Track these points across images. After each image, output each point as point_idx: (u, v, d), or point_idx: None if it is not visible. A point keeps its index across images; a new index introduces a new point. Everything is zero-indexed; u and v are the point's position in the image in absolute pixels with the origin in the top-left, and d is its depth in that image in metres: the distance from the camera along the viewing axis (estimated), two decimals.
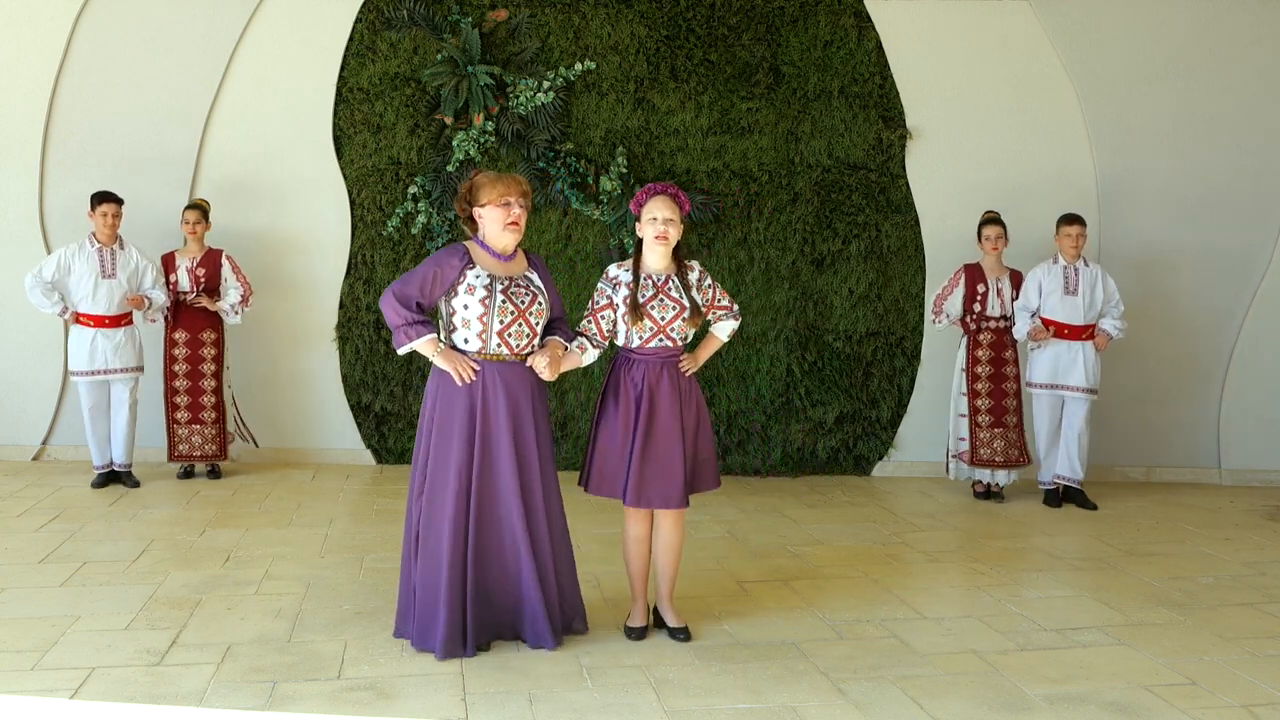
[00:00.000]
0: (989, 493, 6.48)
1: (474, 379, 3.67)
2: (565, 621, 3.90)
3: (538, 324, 3.75)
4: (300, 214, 6.94)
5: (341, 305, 6.99)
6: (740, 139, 6.92)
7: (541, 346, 3.78)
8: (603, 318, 3.90)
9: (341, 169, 6.92)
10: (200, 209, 6.43)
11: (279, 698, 3.40)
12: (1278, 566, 5.16)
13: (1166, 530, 5.86)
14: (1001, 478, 6.45)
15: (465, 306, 3.66)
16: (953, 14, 6.95)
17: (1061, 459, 6.32)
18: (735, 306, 4.09)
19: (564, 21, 6.85)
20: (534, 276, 3.79)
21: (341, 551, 5.04)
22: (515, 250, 3.80)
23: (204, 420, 6.43)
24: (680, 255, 3.95)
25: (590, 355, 3.91)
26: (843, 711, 3.39)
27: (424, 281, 3.66)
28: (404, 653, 3.78)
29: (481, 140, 6.79)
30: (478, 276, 3.66)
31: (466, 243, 3.77)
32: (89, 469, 6.35)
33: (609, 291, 3.90)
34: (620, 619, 4.12)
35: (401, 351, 3.71)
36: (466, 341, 3.71)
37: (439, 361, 3.68)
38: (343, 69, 6.88)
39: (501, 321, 3.66)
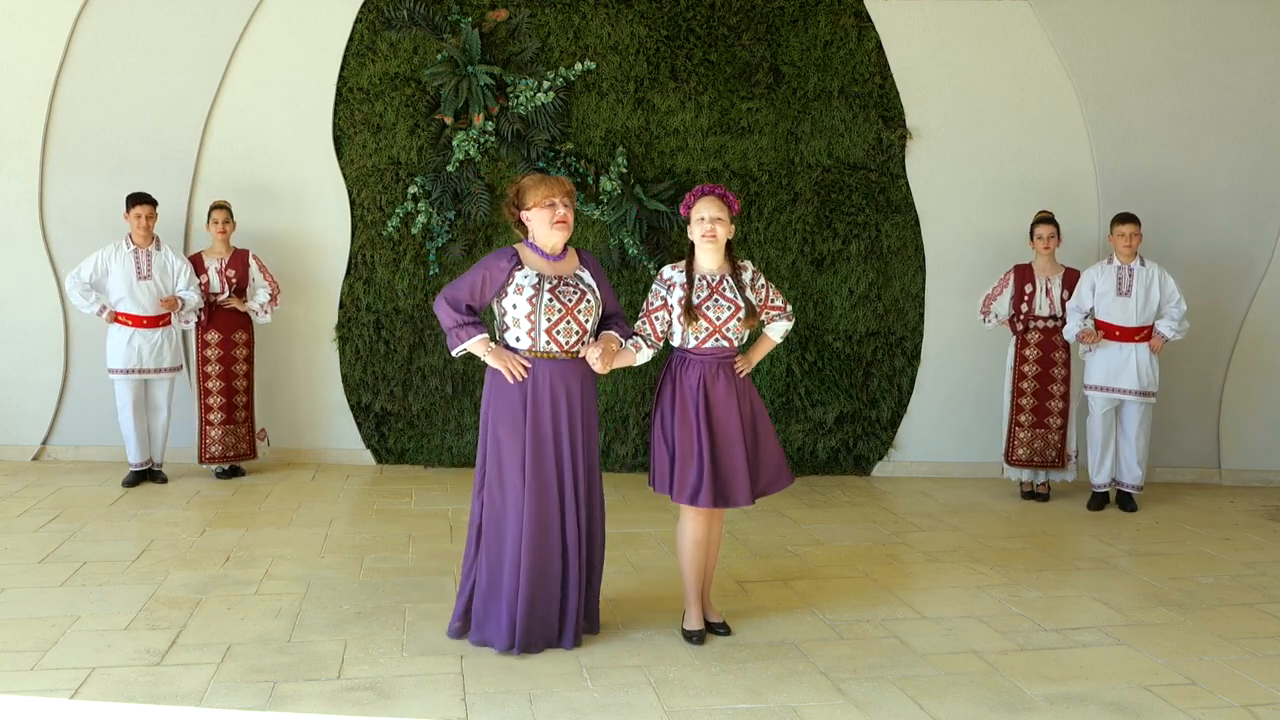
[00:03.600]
0: (1034, 493, 6.46)
1: (525, 377, 3.73)
2: (589, 623, 3.96)
3: (587, 321, 3.79)
4: (300, 214, 6.94)
5: (341, 305, 6.99)
6: (740, 139, 6.91)
7: (595, 340, 3.82)
8: (657, 318, 3.90)
9: (341, 169, 6.92)
10: (227, 209, 6.45)
11: (279, 698, 3.40)
12: (1278, 566, 5.17)
13: (1166, 530, 5.86)
14: (1042, 477, 6.44)
15: (514, 306, 3.73)
16: (953, 14, 6.95)
17: (1120, 463, 6.29)
18: (789, 307, 4.12)
19: (564, 21, 6.85)
20: (584, 275, 3.84)
21: (341, 551, 5.05)
22: (566, 250, 3.85)
23: (236, 420, 6.47)
24: (733, 255, 3.96)
25: (645, 354, 3.91)
26: (843, 711, 3.39)
27: (473, 285, 3.76)
28: (404, 652, 3.78)
29: (481, 140, 6.78)
30: (525, 276, 3.73)
31: (517, 245, 3.85)
32: (89, 468, 6.36)
33: (663, 292, 3.91)
34: (621, 618, 4.13)
35: (455, 353, 3.80)
36: (517, 340, 3.78)
37: (490, 360, 3.75)
38: (343, 69, 6.87)
39: (549, 320, 3.72)
